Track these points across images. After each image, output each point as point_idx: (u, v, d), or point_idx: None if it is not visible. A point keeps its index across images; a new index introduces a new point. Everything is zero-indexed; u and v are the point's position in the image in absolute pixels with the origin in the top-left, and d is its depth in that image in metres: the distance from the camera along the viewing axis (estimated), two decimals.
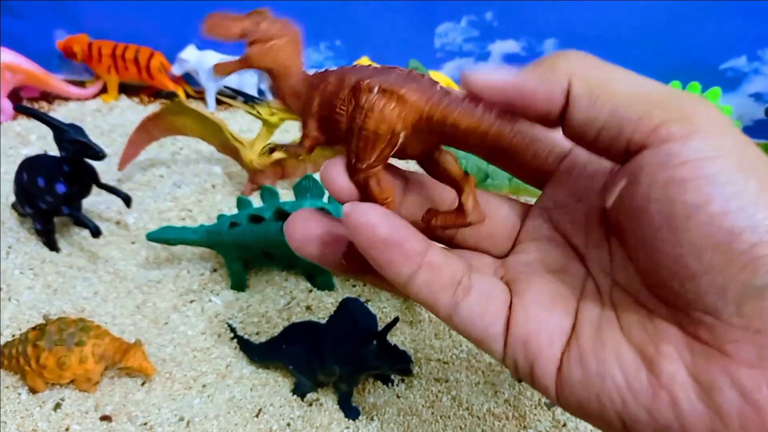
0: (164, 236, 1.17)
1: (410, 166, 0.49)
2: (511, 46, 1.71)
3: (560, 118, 0.40)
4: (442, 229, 0.47)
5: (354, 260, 0.45)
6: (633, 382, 0.39)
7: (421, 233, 0.43)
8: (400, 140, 0.43)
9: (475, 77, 0.40)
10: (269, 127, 1.34)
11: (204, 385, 1.03)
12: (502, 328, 0.44)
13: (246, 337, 1.09)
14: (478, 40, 1.72)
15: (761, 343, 0.35)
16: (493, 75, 0.40)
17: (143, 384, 1.02)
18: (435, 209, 0.49)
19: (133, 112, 1.79)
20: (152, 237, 1.17)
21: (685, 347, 0.38)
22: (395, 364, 0.93)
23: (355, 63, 1.66)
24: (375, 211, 0.41)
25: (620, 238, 0.43)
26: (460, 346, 1.09)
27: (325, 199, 1.11)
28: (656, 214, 0.36)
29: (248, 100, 1.32)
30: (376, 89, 0.42)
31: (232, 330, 1.10)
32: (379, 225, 0.41)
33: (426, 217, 0.48)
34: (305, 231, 0.47)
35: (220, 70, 0.46)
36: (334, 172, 0.45)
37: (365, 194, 0.45)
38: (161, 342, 1.09)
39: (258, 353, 1.05)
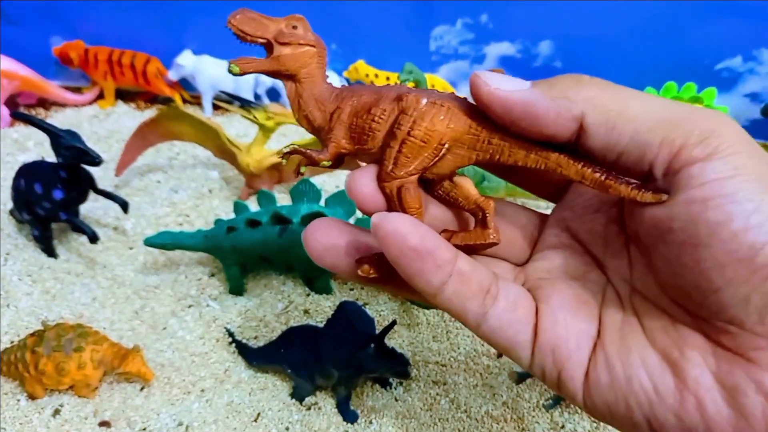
0: (161, 241, 1.17)
1: None
2: (506, 48, 1.72)
3: (570, 142, 0.41)
4: (462, 247, 0.47)
5: (380, 270, 0.45)
6: (659, 386, 0.40)
7: None
8: (443, 151, 0.44)
9: (485, 89, 0.41)
10: (265, 131, 1.35)
11: (202, 390, 1.03)
12: (530, 335, 0.44)
13: (244, 341, 1.09)
14: (473, 42, 1.72)
15: None
16: (503, 87, 0.40)
17: (142, 389, 1.02)
18: (450, 229, 0.49)
19: (130, 117, 1.80)
20: (150, 242, 1.17)
21: (709, 353, 0.39)
22: (393, 367, 0.94)
23: (351, 67, 1.66)
24: (405, 221, 0.41)
25: (641, 251, 0.44)
26: (458, 348, 1.10)
27: (322, 202, 1.12)
28: (679, 232, 0.37)
29: (244, 104, 1.33)
30: (425, 100, 0.43)
31: (230, 334, 1.10)
32: (410, 234, 0.41)
33: (444, 236, 0.47)
34: (326, 241, 0.47)
35: (242, 65, 0.46)
36: (362, 180, 0.46)
37: (394, 204, 0.45)
38: (159, 347, 1.09)
39: (256, 357, 1.05)
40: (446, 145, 0.43)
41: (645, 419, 0.40)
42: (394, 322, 0.91)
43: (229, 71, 0.46)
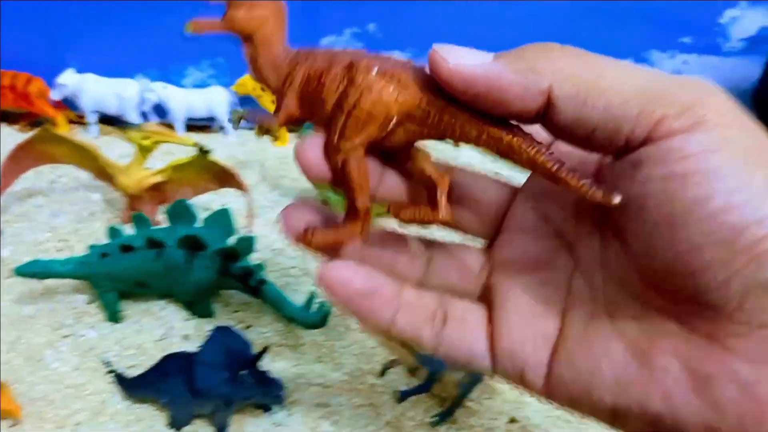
0: (32, 270, 1.13)
1: None
2: (397, 56, 1.71)
3: (539, 117, 0.39)
4: (409, 222, 0.46)
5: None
6: (622, 377, 0.39)
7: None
8: (391, 126, 0.43)
9: (444, 65, 0.39)
10: (144, 151, 1.31)
11: (77, 424, 0.99)
12: (485, 344, 0.46)
13: (121, 370, 1.06)
14: None
15: (765, 338, 0.35)
16: (465, 62, 0.39)
17: (12, 426, 0.99)
18: (401, 203, 0.48)
19: (13, 140, 1.73)
20: (21, 272, 1.13)
21: (681, 341, 0.38)
22: (266, 393, 0.93)
23: (238, 81, 1.64)
24: (346, 267, 0.45)
25: (614, 231, 0.42)
26: (342, 368, 1.08)
27: (199, 223, 1.09)
28: (654, 211, 0.36)
29: (122, 125, 1.30)
30: (375, 70, 0.43)
31: (106, 364, 1.06)
32: (353, 278, 0.44)
33: (393, 209, 0.47)
34: (301, 224, 0.48)
35: (195, 27, 0.46)
36: (309, 148, 0.46)
37: (339, 176, 0.44)
38: (34, 380, 1.06)
39: (132, 387, 1.03)
40: (394, 120, 0.43)
41: (609, 408, 0.40)
42: (265, 350, 0.90)
43: (185, 32, 0.46)
